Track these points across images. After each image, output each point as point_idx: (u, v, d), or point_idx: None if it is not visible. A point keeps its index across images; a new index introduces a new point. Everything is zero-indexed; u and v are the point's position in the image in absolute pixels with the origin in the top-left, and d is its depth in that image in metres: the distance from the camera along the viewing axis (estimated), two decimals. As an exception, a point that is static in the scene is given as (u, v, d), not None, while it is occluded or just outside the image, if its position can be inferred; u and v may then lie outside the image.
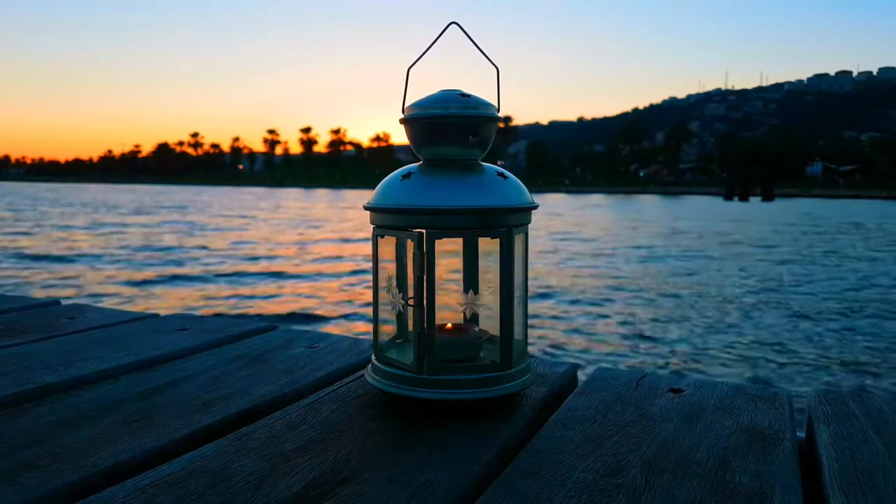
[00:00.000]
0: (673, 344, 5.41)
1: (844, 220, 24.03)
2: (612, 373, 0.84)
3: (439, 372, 0.67)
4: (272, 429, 0.65)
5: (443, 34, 0.70)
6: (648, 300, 7.39)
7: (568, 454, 0.60)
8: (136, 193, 49.79)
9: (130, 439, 0.62)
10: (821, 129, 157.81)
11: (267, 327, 1.07)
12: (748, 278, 9.14)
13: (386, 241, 0.73)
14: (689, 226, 19.99)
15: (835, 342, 5.54)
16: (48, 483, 0.53)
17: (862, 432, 0.65)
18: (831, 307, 7.01)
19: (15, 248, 11.74)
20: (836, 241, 14.97)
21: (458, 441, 0.62)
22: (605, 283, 8.61)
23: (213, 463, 0.57)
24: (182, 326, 1.06)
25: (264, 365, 0.86)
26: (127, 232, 15.72)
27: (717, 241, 14.75)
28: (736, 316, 6.54)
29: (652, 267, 10.35)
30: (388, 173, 0.73)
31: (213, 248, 12.19)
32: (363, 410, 0.70)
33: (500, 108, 0.73)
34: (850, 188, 73.95)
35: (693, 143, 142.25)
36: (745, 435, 0.64)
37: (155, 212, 24.97)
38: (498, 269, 0.69)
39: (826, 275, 9.51)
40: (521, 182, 0.72)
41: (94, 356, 0.88)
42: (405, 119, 0.71)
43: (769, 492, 0.53)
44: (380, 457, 0.58)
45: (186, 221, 19.78)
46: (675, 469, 0.57)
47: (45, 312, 1.17)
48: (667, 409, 0.71)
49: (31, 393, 0.74)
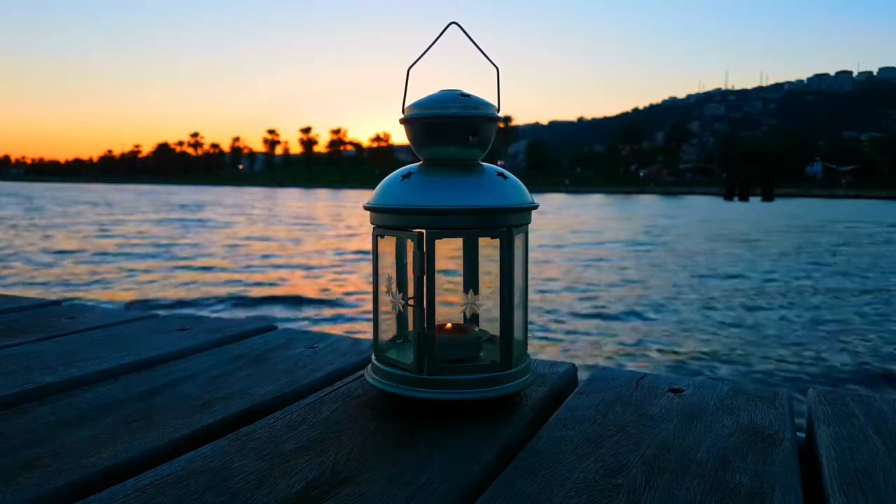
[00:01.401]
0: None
1: (822, 219, 24.31)
2: (612, 373, 0.84)
3: (439, 372, 0.67)
4: (272, 429, 0.65)
5: (443, 34, 0.70)
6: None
7: (568, 454, 0.60)
8: (155, 194, 49.31)
9: (130, 439, 0.62)
10: (821, 129, 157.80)
11: (267, 327, 1.07)
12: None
13: (386, 241, 0.73)
14: (671, 223, 20.54)
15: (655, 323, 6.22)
16: (48, 483, 0.53)
17: (862, 432, 0.65)
18: (691, 297, 7.62)
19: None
20: (776, 240, 15.70)
21: (458, 441, 0.62)
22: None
23: (213, 463, 0.57)
24: (182, 326, 1.06)
25: (264, 365, 0.86)
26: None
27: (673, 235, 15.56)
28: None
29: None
30: (388, 173, 0.73)
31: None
32: (363, 410, 0.70)
33: (500, 108, 0.73)
34: (850, 188, 73.97)
35: (693, 143, 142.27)
36: (745, 435, 0.64)
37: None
38: (498, 269, 0.69)
39: (729, 268, 10.17)
40: (521, 182, 0.72)
41: (94, 356, 0.88)
42: (405, 119, 0.71)
43: (769, 492, 0.53)
44: (380, 457, 0.58)
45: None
46: (675, 469, 0.57)
47: (45, 312, 1.17)
48: (667, 409, 0.71)
49: (31, 393, 0.74)
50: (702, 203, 40.94)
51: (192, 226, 17.35)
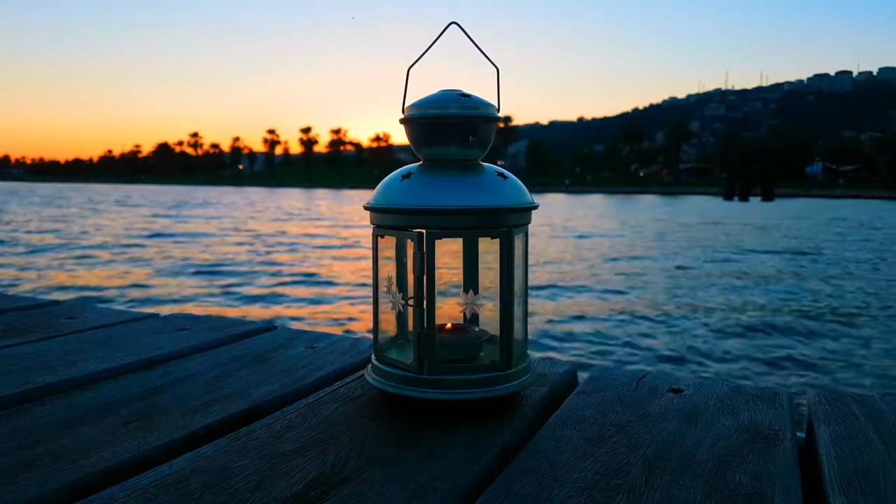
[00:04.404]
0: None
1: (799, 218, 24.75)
2: (612, 373, 0.84)
3: (439, 372, 0.67)
4: (272, 429, 0.65)
5: (443, 34, 0.70)
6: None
7: (568, 454, 0.60)
8: (170, 193, 49.32)
9: (130, 439, 0.62)
10: (821, 129, 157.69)
11: (267, 327, 1.07)
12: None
13: (386, 242, 0.73)
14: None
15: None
16: (48, 483, 0.53)
17: (862, 432, 0.65)
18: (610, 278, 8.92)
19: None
20: (730, 235, 16.54)
21: (458, 441, 0.62)
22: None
23: (212, 463, 0.57)
24: (182, 326, 1.06)
25: (264, 365, 0.86)
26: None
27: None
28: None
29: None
30: (388, 173, 0.73)
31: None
32: (363, 410, 0.70)
33: (500, 108, 0.72)
34: (850, 188, 73.94)
35: (693, 143, 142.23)
36: (745, 435, 0.64)
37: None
38: (498, 269, 0.69)
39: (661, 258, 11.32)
40: (521, 182, 0.72)
41: (94, 356, 0.88)
42: (405, 119, 0.71)
43: (769, 492, 0.53)
44: (380, 457, 0.58)
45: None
46: (675, 469, 0.57)
47: (45, 312, 1.17)
48: (667, 409, 0.71)
49: (31, 393, 0.74)
50: (701, 203, 40.97)
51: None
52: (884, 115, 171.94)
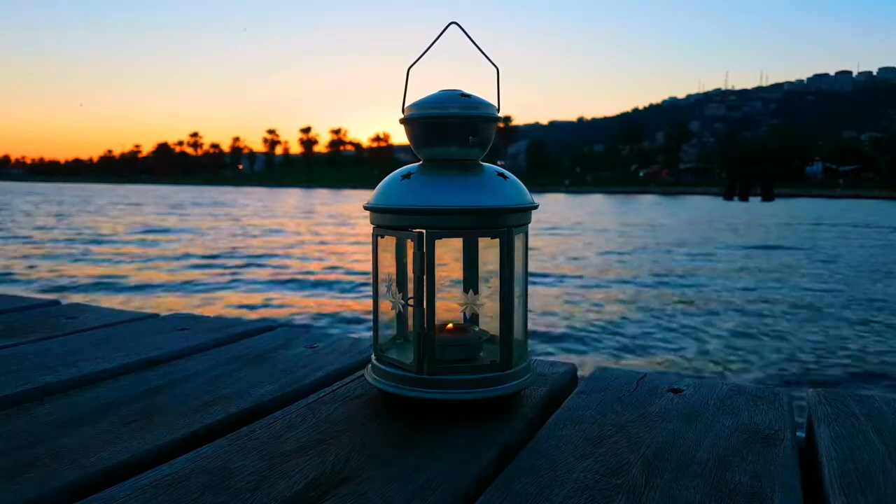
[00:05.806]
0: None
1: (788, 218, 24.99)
2: (612, 373, 0.84)
3: (439, 372, 0.67)
4: (272, 429, 0.65)
5: (443, 34, 0.70)
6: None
7: (568, 454, 0.60)
8: (188, 193, 48.61)
9: (130, 439, 0.62)
10: (821, 129, 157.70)
11: (267, 327, 1.07)
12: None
13: (386, 242, 0.73)
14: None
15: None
16: (48, 483, 0.53)
17: (862, 432, 0.65)
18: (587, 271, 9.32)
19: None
20: (713, 233, 17.07)
21: (458, 441, 0.62)
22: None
23: (212, 463, 0.57)
24: (182, 326, 1.06)
25: (264, 365, 0.86)
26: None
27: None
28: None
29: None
30: (388, 173, 0.73)
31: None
32: (363, 410, 0.70)
33: (500, 108, 0.72)
34: (850, 188, 73.93)
35: (693, 143, 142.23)
36: (745, 435, 0.64)
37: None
38: (498, 269, 0.69)
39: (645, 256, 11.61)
40: (521, 182, 0.72)
41: (94, 356, 0.88)
42: (405, 119, 0.71)
43: (769, 492, 0.53)
44: (380, 457, 0.58)
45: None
46: (675, 469, 0.57)
47: (45, 312, 1.17)
48: (667, 409, 0.71)
49: (31, 393, 0.74)
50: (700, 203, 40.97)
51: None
52: (884, 115, 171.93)
